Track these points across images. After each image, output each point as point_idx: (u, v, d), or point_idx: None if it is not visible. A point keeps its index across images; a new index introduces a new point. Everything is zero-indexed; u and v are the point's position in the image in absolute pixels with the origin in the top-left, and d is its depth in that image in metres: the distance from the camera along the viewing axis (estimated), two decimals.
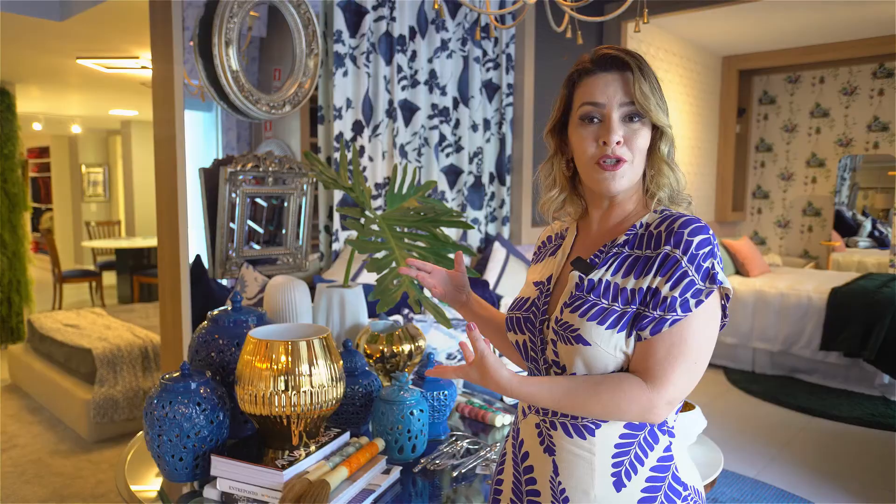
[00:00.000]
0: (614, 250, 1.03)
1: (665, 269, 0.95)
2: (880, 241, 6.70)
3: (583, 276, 1.02)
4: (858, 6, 4.94)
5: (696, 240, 0.95)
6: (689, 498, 1.02)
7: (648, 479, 0.99)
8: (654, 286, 0.96)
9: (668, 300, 0.94)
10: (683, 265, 0.94)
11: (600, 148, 1.01)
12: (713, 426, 3.27)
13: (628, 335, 0.96)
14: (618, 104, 1.00)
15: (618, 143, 1.00)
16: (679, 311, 0.94)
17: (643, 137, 1.01)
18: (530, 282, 1.14)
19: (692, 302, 0.94)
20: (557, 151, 1.11)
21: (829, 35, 5.88)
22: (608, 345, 0.96)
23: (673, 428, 1.03)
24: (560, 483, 1.01)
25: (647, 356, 0.95)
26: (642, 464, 0.99)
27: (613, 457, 0.99)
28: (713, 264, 0.95)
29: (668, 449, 1.01)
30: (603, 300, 0.98)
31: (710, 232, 0.97)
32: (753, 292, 5.19)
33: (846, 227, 6.83)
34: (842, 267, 6.59)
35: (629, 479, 0.99)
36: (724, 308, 0.99)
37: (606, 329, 0.96)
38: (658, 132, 1.03)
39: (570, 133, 1.06)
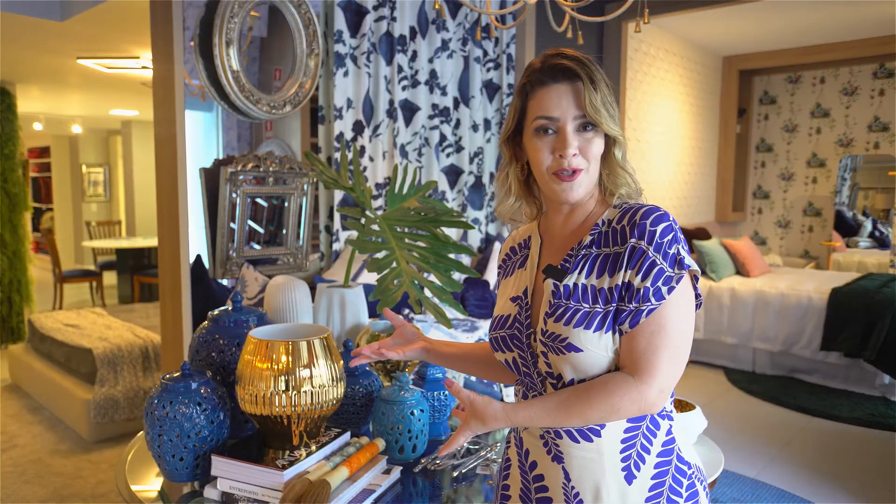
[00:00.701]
0: (582, 252, 1.04)
1: (634, 262, 0.98)
2: (881, 242, 6.70)
3: (557, 283, 1.03)
4: (858, 6, 4.94)
5: (659, 228, 0.98)
6: (693, 475, 1.05)
7: (656, 466, 1.02)
8: (627, 280, 0.98)
9: (642, 291, 0.96)
10: (650, 255, 0.97)
11: (557, 160, 1.03)
12: (713, 426, 3.27)
13: (615, 333, 0.98)
14: (571, 117, 1.02)
15: (574, 154, 1.02)
16: (653, 300, 0.96)
17: (597, 145, 1.03)
18: (506, 298, 1.14)
19: (664, 290, 0.96)
20: (512, 159, 1.12)
21: (829, 35, 5.88)
22: (599, 347, 0.98)
23: (672, 412, 1.06)
24: (573, 488, 1.03)
25: (630, 349, 0.97)
26: (648, 452, 1.01)
27: (621, 451, 1.01)
28: (678, 250, 0.98)
29: (669, 432, 1.04)
30: (584, 304, 1.00)
31: (672, 218, 1.00)
32: (754, 292, 5.19)
33: (847, 228, 6.83)
34: (842, 267, 6.58)
35: (638, 469, 1.01)
36: (695, 289, 1.02)
37: (594, 332, 0.98)
38: (611, 138, 1.05)
39: (526, 142, 1.07)
